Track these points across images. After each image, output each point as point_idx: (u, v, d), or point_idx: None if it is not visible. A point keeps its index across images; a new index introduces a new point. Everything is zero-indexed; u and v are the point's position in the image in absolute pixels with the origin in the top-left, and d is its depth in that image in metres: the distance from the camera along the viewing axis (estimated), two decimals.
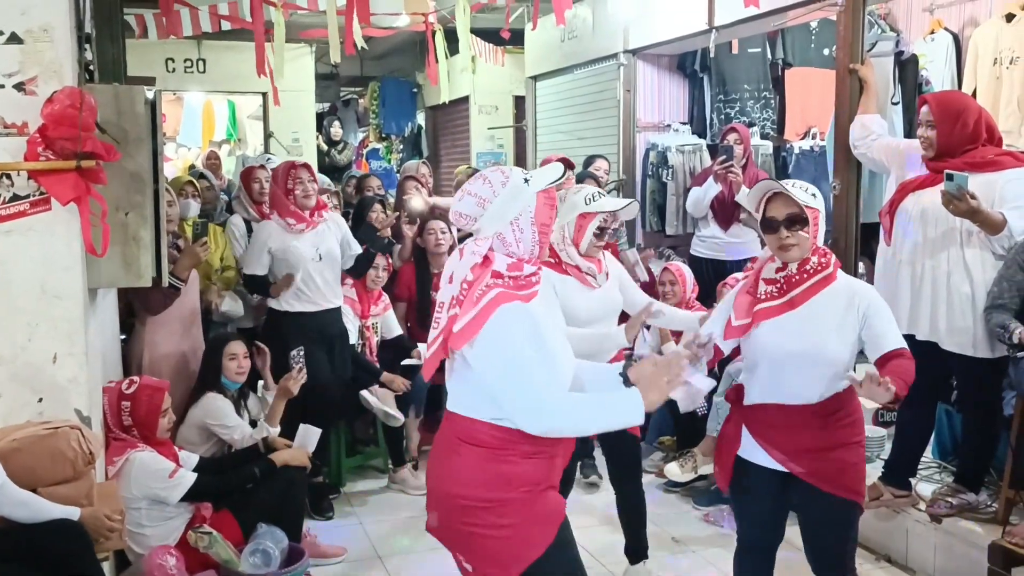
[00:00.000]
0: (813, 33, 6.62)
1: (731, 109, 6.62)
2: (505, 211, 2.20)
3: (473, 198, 2.21)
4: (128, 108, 3.14)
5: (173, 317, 4.18)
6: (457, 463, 2.24)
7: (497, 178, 2.22)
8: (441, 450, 2.32)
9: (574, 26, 7.18)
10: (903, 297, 3.75)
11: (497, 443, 2.21)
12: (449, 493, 2.25)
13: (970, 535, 3.62)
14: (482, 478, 2.22)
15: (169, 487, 3.44)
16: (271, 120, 10.44)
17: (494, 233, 2.21)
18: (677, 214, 6.56)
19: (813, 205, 2.65)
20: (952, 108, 3.58)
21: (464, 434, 2.24)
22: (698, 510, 4.59)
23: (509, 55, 8.84)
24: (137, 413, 3.45)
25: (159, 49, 9.47)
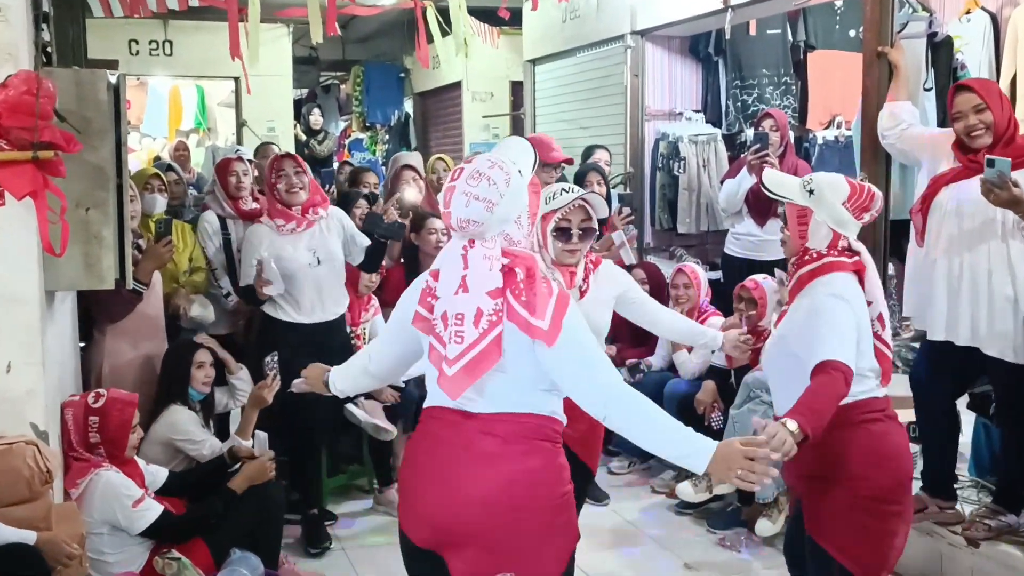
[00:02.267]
0: (838, 13, 6.66)
1: (748, 96, 6.65)
2: (511, 210, 2.28)
3: (481, 203, 2.22)
4: (90, 94, 3.14)
5: (135, 324, 4.18)
6: (520, 463, 2.28)
7: (500, 177, 2.24)
8: (480, 456, 2.29)
9: (577, 5, 7.21)
10: (939, 300, 3.76)
11: (555, 435, 2.35)
12: (526, 503, 2.27)
13: (1009, 559, 3.64)
14: (553, 473, 2.33)
15: (132, 516, 3.43)
16: (244, 108, 10.47)
17: (499, 232, 2.29)
18: (690, 210, 6.59)
19: (797, 201, 2.74)
20: (992, 88, 3.67)
21: (517, 431, 2.30)
22: (713, 533, 4.60)
23: (506, 37, 8.87)
24: (106, 429, 3.45)
25: (122, 30, 9.50)
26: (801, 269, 2.77)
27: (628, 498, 5.13)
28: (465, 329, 2.23)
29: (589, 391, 2.27)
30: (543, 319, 2.21)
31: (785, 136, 5.29)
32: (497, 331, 2.22)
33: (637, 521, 4.82)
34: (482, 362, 2.22)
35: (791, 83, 6.75)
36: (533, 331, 2.21)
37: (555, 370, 2.27)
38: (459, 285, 2.26)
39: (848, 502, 2.63)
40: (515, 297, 2.23)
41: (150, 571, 3.45)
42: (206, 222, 4.83)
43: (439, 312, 2.29)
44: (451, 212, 2.26)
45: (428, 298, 2.34)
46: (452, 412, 2.33)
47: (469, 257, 2.26)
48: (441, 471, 2.33)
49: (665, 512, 4.92)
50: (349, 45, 12.81)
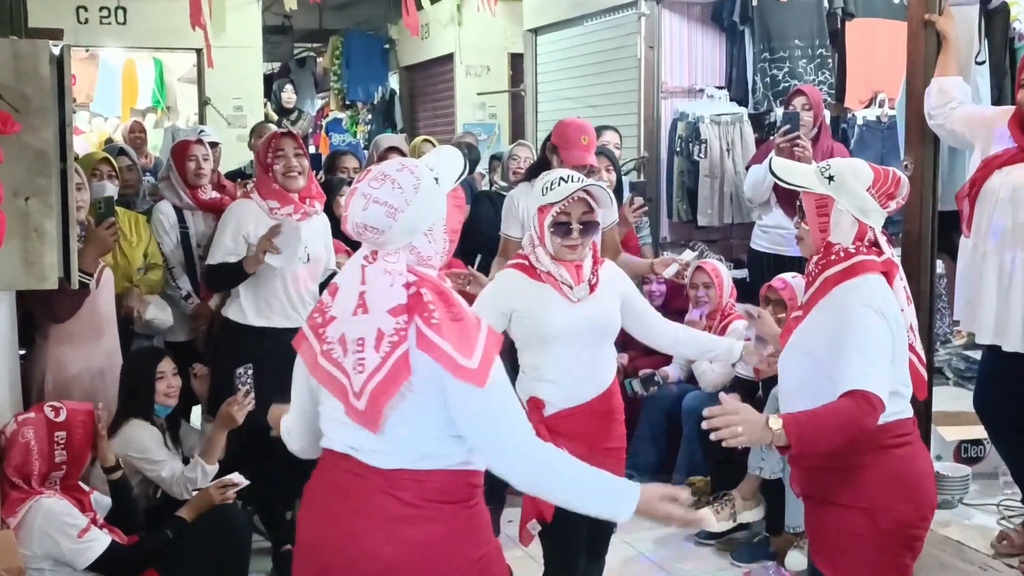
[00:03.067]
0: None
1: (778, 70, 6.64)
2: (419, 221, 2.24)
3: (382, 207, 2.20)
4: (29, 68, 3.13)
5: (82, 328, 4.18)
6: (425, 530, 2.25)
7: (408, 181, 2.22)
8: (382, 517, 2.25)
9: None
10: (987, 298, 3.77)
11: (469, 493, 2.31)
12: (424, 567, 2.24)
13: None
14: (461, 539, 2.30)
15: (77, 549, 3.42)
16: (207, 84, 10.45)
17: (405, 245, 2.25)
18: (712, 200, 6.59)
19: (815, 189, 2.77)
20: None
21: (427, 492, 2.26)
22: (737, 567, 4.62)
23: (504, 3, 8.88)
24: (72, 446, 3.50)
25: None
26: (828, 270, 2.76)
27: (640, 527, 5.12)
28: (366, 356, 2.19)
29: (505, 448, 2.24)
30: (470, 357, 2.16)
31: (819, 116, 5.30)
32: (401, 350, 2.17)
33: (651, 553, 4.83)
34: (390, 386, 2.18)
35: (827, 56, 6.74)
36: (454, 365, 2.16)
37: (471, 418, 2.22)
38: (357, 304, 2.22)
39: (864, 532, 2.67)
40: (426, 323, 2.18)
41: None
42: (161, 214, 4.83)
43: (335, 334, 2.25)
44: (348, 216, 2.24)
45: (318, 315, 2.31)
46: (353, 462, 2.29)
47: (368, 272, 2.23)
48: (341, 527, 2.29)
49: (683, 543, 4.92)
50: (327, 13, 12.82)
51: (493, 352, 2.21)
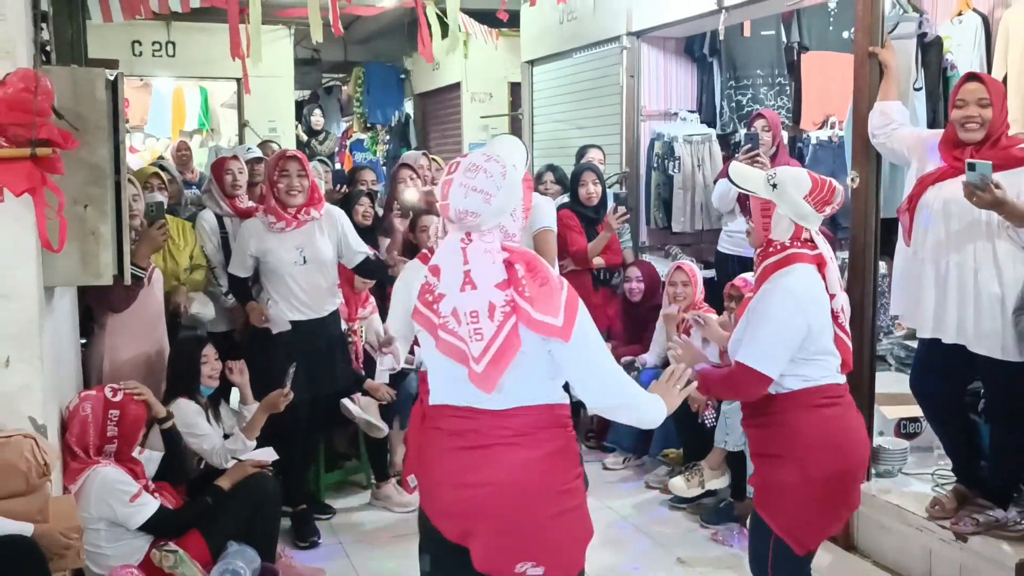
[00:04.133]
0: (831, 14, 6.66)
1: (743, 96, 6.64)
2: (507, 203, 2.32)
3: (479, 194, 2.26)
4: (87, 93, 3.14)
5: (136, 319, 4.18)
6: (534, 450, 2.34)
7: (496, 169, 2.29)
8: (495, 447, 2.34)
9: (574, 7, 7.21)
10: (927, 298, 3.77)
11: (565, 420, 2.43)
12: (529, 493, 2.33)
13: (998, 554, 3.63)
14: (564, 458, 2.41)
15: (129, 511, 3.44)
16: (246, 108, 10.47)
17: (496, 226, 2.31)
18: (684, 210, 6.59)
19: (760, 194, 2.82)
20: (1001, 89, 3.69)
21: (537, 422, 2.36)
22: (706, 528, 4.61)
23: (504, 38, 8.87)
24: (124, 424, 3.50)
25: (124, 31, 9.49)
26: (766, 260, 2.85)
27: (623, 494, 5.13)
28: (482, 325, 2.25)
29: (599, 389, 2.37)
30: (556, 316, 2.24)
31: (777, 136, 5.29)
32: (512, 321, 2.25)
33: (631, 516, 4.83)
34: (507, 352, 2.25)
35: (785, 83, 6.75)
36: (545, 328, 2.23)
37: (566, 366, 2.34)
38: (464, 281, 2.27)
39: (796, 482, 2.75)
40: (519, 294, 2.25)
41: (148, 564, 3.46)
42: (204, 220, 4.85)
43: (447, 309, 2.29)
44: (449, 204, 2.28)
45: (427, 294, 2.35)
46: (464, 410, 2.37)
47: (469, 252, 2.27)
48: (458, 465, 2.37)
49: (659, 507, 4.92)
50: (350, 46, 12.82)
51: (574, 307, 2.28)
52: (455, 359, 2.30)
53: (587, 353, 2.32)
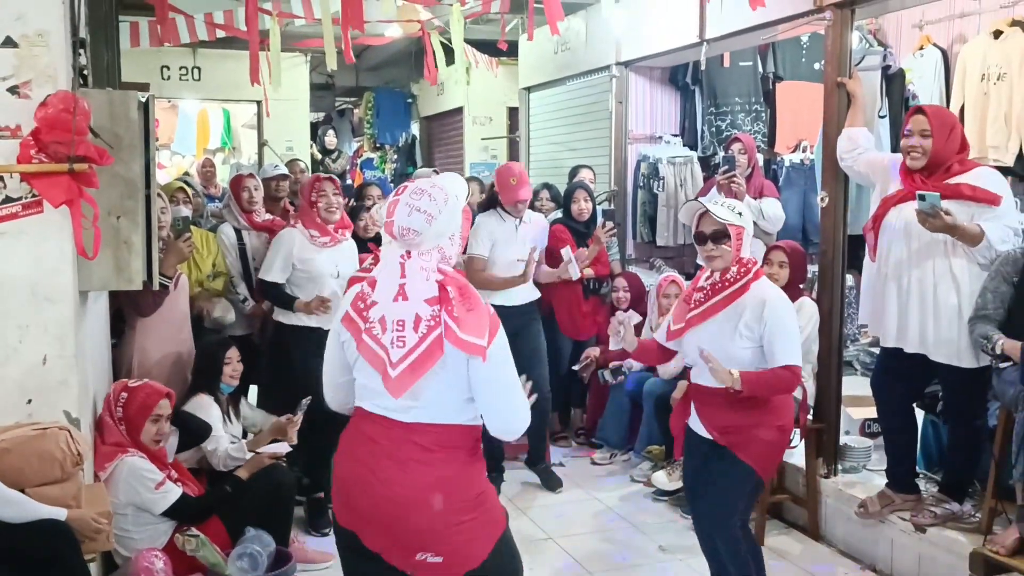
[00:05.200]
0: (804, 47, 6.68)
1: (722, 122, 6.66)
2: (446, 226, 2.33)
3: (422, 215, 2.28)
4: (121, 113, 3.16)
5: (163, 322, 4.19)
6: (443, 469, 2.32)
7: (439, 195, 2.31)
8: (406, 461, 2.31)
9: (567, 38, 7.23)
10: (891, 312, 3.80)
11: (474, 443, 2.40)
12: (438, 498, 2.30)
13: (954, 544, 3.65)
14: (470, 477, 2.38)
15: (155, 497, 3.46)
16: (265, 129, 10.49)
17: (434, 247, 2.32)
18: (668, 225, 6.60)
19: (736, 223, 3.10)
20: (947, 120, 3.71)
21: (442, 440, 2.33)
22: (685, 519, 4.60)
23: (503, 66, 8.90)
24: (128, 408, 3.49)
25: (154, 56, 9.52)
26: (745, 277, 3.11)
27: (609, 487, 5.14)
28: (406, 334, 2.26)
29: (502, 410, 2.35)
30: (481, 337, 2.25)
31: (752, 159, 5.32)
32: (436, 333, 2.26)
33: (617, 508, 4.83)
34: (425, 362, 2.25)
35: (761, 110, 6.75)
36: (469, 347, 2.24)
37: (482, 384, 2.31)
38: (397, 292, 2.29)
39: (775, 438, 3.18)
40: (449, 314, 2.26)
41: (172, 547, 3.47)
42: (223, 235, 4.87)
43: (376, 316, 2.30)
44: (394, 220, 2.31)
45: (360, 302, 2.35)
46: (383, 418, 2.35)
47: (407, 267, 2.30)
48: (371, 471, 2.34)
49: (643, 499, 4.93)
50: (362, 73, 12.86)
51: (495, 331, 2.29)
52: (372, 365, 2.30)
53: (502, 375, 2.32)
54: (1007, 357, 3.30)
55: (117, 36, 4.98)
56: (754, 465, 3.14)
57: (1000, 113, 4.99)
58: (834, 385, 4.47)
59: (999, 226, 3.52)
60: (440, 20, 7.14)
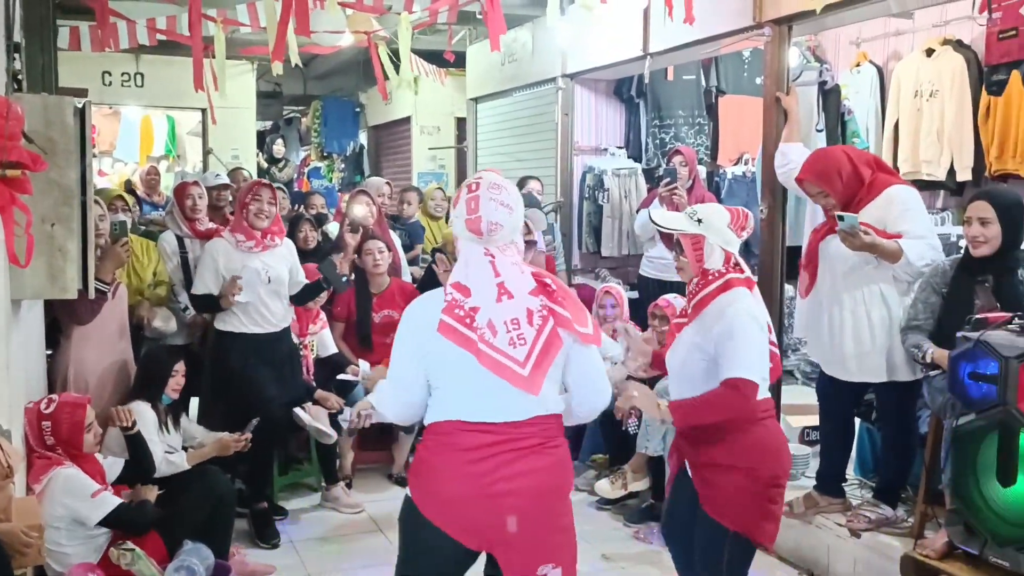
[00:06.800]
0: (746, 62, 6.80)
1: (666, 134, 6.75)
2: (519, 219, 2.37)
3: (505, 208, 2.31)
4: (56, 118, 3.10)
5: (100, 331, 4.11)
6: (555, 457, 2.36)
7: (511, 187, 2.37)
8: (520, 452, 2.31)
9: (514, 50, 7.28)
10: (824, 340, 3.89)
11: (564, 430, 2.44)
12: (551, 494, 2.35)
13: (887, 549, 3.72)
14: (570, 466, 2.46)
15: (90, 507, 3.35)
16: (210, 136, 10.36)
17: (511, 241, 2.35)
18: (613, 236, 6.67)
19: (688, 231, 2.81)
20: (824, 168, 3.73)
21: (550, 431, 2.36)
22: (628, 527, 4.64)
23: (451, 77, 8.92)
24: (59, 432, 3.36)
25: (95, 62, 9.33)
26: (707, 288, 2.82)
27: None
28: (523, 331, 2.25)
29: (599, 390, 2.42)
30: (587, 325, 2.31)
31: (693, 171, 5.38)
32: (551, 324, 2.27)
33: None
34: (549, 351, 2.26)
35: (704, 123, 6.86)
36: (586, 337, 2.31)
37: (583, 367, 2.37)
38: (500, 292, 2.27)
39: (746, 486, 2.73)
40: (555, 302, 2.29)
41: (107, 562, 3.38)
42: (165, 242, 4.80)
43: (483, 321, 2.25)
44: (481, 216, 2.28)
45: (457, 309, 2.28)
46: (477, 425, 2.30)
47: (498, 264, 2.30)
48: (484, 477, 2.29)
49: (586, 508, 4.94)
50: (310, 81, 12.78)
51: (591, 317, 2.38)
52: (496, 372, 2.24)
53: (597, 358, 2.41)
54: (936, 365, 3.38)
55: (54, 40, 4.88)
56: (723, 520, 2.75)
57: (933, 129, 5.13)
58: (774, 394, 4.53)
59: (918, 243, 3.62)
60: (388, 30, 7.12)
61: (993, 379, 2.96)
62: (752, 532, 2.76)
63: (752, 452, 2.74)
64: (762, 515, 2.77)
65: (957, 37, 5.13)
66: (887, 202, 3.67)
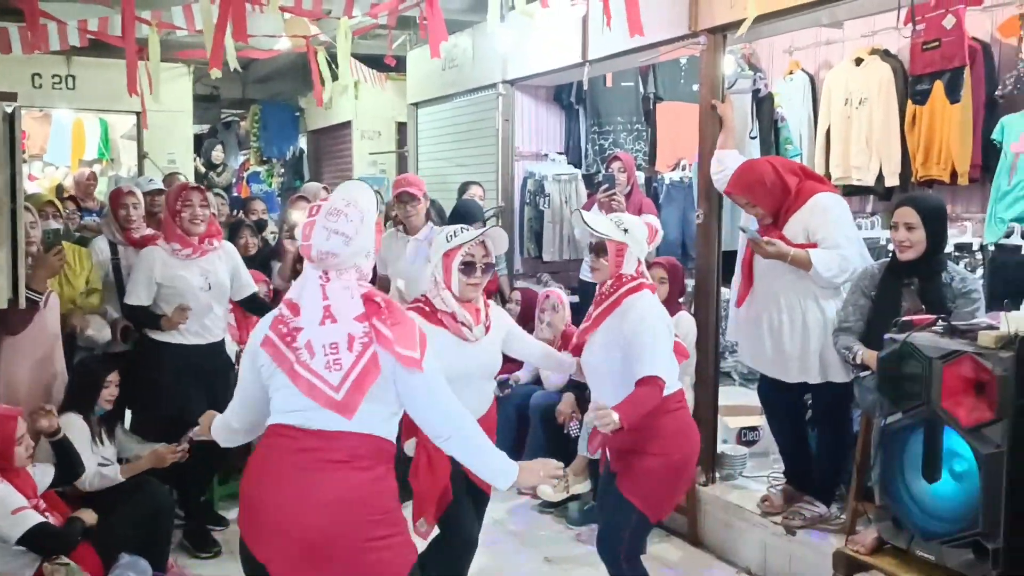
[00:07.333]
0: (682, 69, 6.89)
1: (605, 140, 6.82)
2: (363, 245, 2.33)
3: (340, 237, 2.27)
4: None
5: (32, 341, 4.00)
6: (356, 479, 2.29)
7: (355, 214, 2.31)
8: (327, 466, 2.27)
9: (454, 55, 7.28)
10: (766, 345, 3.97)
11: (390, 458, 2.38)
12: (352, 511, 2.26)
13: (821, 545, 3.81)
14: (386, 490, 2.35)
15: (10, 524, 3.25)
16: (146, 140, 10.14)
17: (352, 266, 2.32)
18: (554, 241, 6.72)
19: (615, 238, 3.10)
20: (749, 180, 3.85)
21: (364, 451, 2.30)
22: (571, 529, 4.68)
23: (392, 82, 8.88)
24: None
25: (24, 64, 9.07)
26: (620, 290, 3.11)
27: (496, 500, 5.07)
28: (341, 356, 2.25)
29: (439, 418, 2.36)
30: (414, 349, 2.28)
31: (631, 177, 5.44)
32: (371, 351, 2.25)
33: (503, 520, 4.86)
34: (365, 379, 2.24)
35: (643, 130, 6.93)
36: (407, 360, 2.26)
37: (414, 395, 2.33)
38: (323, 315, 2.27)
39: (659, 469, 3.08)
40: (383, 323, 2.26)
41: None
42: (96, 249, 4.68)
43: (302, 341, 2.27)
44: (311, 244, 2.28)
45: (281, 326, 2.31)
46: (306, 431, 2.29)
47: (328, 289, 2.29)
48: (291, 484, 2.27)
49: (529, 511, 4.97)
50: (249, 85, 12.61)
51: (425, 342, 2.33)
52: (306, 391, 2.26)
53: (435, 385, 2.34)
54: (866, 366, 3.47)
55: None
56: (633, 499, 3.07)
57: (862, 136, 5.27)
58: (711, 395, 4.62)
59: (827, 254, 3.72)
60: (327, 35, 7.07)
61: (918, 379, 3.06)
62: (654, 511, 3.12)
63: (666, 440, 3.07)
64: (668, 497, 3.15)
65: (884, 47, 5.27)
66: (811, 210, 3.78)
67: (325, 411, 2.26)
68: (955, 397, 2.95)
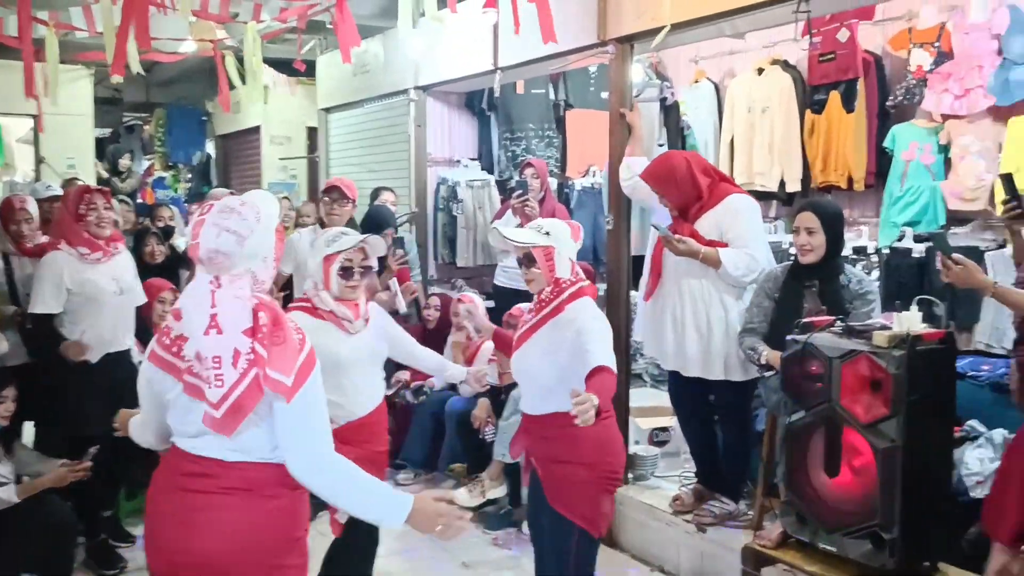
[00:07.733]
0: (592, 77, 6.98)
1: (517, 147, 6.86)
2: (259, 247, 2.16)
3: (232, 235, 2.10)
4: None
5: None
6: (261, 505, 2.15)
7: (250, 213, 2.14)
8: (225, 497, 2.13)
9: (365, 61, 7.23)
10: (668, 339, 4.05)
11: (294, 483, 2.17)
12: (253, 538, 2.14)
13: (730, 541, 3.91)
14: (289, 517, 2.21)
15: None
16: (44, 145, 9.77)
17: (246, 271, 2.14)
18: (468, 246, 6.73)
19: (540, 243, 2.99)
20: (661, 172, 3.95)
21: (262, 479, 2.16)
22: (487, 534, 4.69)
23: (302, 86, 8.79)
24: None
25: None
26: (561, 295, 2.98)
27: None
28: (224, 372, 2.06)
29: (303, 457, 2.13)
30: (288, 375, 2.08)
31: (545, 183, 5.49)
32: (256, 370, 2.07)
33: None
34: (248, 401, 2.07)
35: (554, 136, 7.00)
36: (275, 385, 2.06)
37: (280, 426, 2.11)
38: (209, 324, 2.07)
39: (586, 479, 2.94)
40: (260, 343, 2.08)
41: None
42: None
43: (190, 351, 2.09)
44: (200, 243, 2.10)
45: (165, 337, 2.15)
46: (201, 458, 2.15)
47: (217, 296, 2.10)
48: (187, 512, 2.14)
49: None
50: (153, 88, 12.27)
51: (307, 374, 2.11)
52: (198, 399, 2.10)
53: (303, 421, 2.11)
54: (771, 366, 3.58)
55: None
56: (570, 515, 2.94)
57: (765, 143, 5.44)
58: (623, 397, 4.69)
59: (736, 253, 3.84)
60: (235, 39, 6.94)
61: (819, 378, 3.17)
62: (595, 525, 2.97)
63: (593, 448, 2.94)
64: (600, 506, 2.98)
65: (784, 58, 5.45)
66: (724, 210, 3.89)
67: (218, 438, 2.11)
68: (853, 395, 3.08)
